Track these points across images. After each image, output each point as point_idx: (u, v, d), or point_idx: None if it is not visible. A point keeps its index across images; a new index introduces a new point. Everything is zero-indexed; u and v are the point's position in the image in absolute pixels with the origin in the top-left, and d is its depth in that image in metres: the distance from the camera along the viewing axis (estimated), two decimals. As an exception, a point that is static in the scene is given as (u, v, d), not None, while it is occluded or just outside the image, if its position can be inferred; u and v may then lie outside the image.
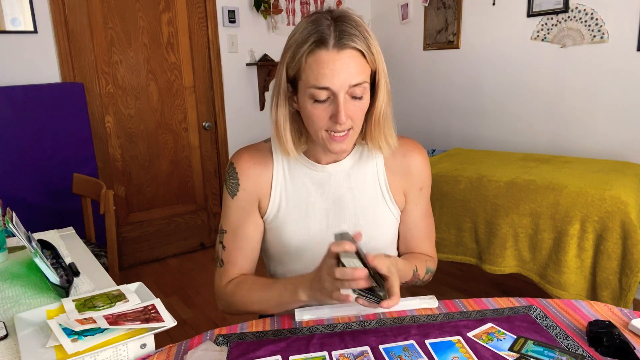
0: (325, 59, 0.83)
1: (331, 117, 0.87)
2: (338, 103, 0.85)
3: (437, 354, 0.79)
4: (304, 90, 0.87)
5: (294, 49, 0.86)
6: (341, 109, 0.85)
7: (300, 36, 0.86)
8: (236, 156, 1.02)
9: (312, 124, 0.90)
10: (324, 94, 0.85)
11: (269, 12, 3.30)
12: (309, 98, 0.87)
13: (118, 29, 2.82)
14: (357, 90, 0.86)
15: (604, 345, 0.78)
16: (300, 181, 1.01)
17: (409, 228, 1.07)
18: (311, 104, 0.87)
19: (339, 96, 0.85)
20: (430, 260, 1.08)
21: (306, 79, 0.86)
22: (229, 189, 1.01)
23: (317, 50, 0.84)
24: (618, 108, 2.62)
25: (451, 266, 2.90)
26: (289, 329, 0.88)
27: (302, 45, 0.85)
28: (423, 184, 1.05)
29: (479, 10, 3.16)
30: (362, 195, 1.01)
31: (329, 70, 0.83)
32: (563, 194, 1.99)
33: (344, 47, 0.83)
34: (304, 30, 0.85)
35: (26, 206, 2.35)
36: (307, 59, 0.85)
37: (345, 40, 0.83)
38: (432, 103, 3.59)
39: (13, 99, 2.32)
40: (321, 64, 0.83)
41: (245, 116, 3.41)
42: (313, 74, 0.84)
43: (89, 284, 1.15)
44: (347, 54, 0.84)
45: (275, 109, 0.92)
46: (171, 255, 3.28)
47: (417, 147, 1.06)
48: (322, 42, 0.83)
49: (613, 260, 1.86)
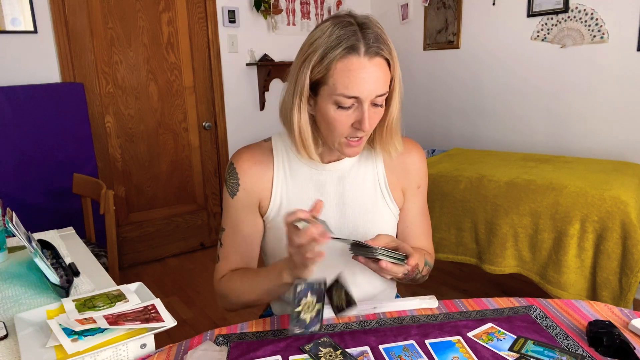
0: (357, 66, 0.82)
1: (353, 123, 0.87)
2: (363, 111, 0.85)
3: (437, 354, 0.79)
4: (329, 95, 0.85)
5: (321, 53, 0.83)
6: (366, 116, 0.85)
7: (329, 40, 0.83)
8: (236, 156, 1.02)
9: (333, 129, 0.89)
10: (350, 102, 0.85)
11: (269, 12, 3.30)
12: (332, 104, 0.86)
13: (118, 29, 2.82)
14: (379, 99, 0.86)
15: (604, 345, 0.78)
16: (300, 180, 1.01)
17: (407, 226, 1.09)
18: (334, 110, 0.86)
19: (365, 104, 0.85)
20: (428, 255, 1.10)
21: (333, 85, 0.84)
22: (229, 189, 1.02)
23: (348, 57, 0.82)
24: (618, 108, 2.62)
25: (451, 266, 2.90)
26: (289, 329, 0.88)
27: (333, 49, 0.82)
28: (421, 182, 1.07)
29: (479, 10, 3.16)
30: (362, 193, 1.02)
31: (360, 79, 0.82)
32: (563, 194, 1.99)
33: (374, 56, 0.83)
34: (332, 34, 0.83)
35: (26, 206, 2.36)
36: (337, 65, 0.83)
37: (374, 48, 0.82)
38: (432, 103, 3.59)
39: (13, 99, 2.32)
40: (353, 71, 0.82)
41: (245, 116, 3.41)
42: (342, 81, 0.83)
43: (89, 284, 1.15)
44: (377, 63, 0.83)
45: (297, 113, 0.89)
46: (171, 255, 3.28)
47: (415, 145, 1.07)
48: (354, 49, 0.82)
49: (613, 260, 1.86)
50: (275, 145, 1.02)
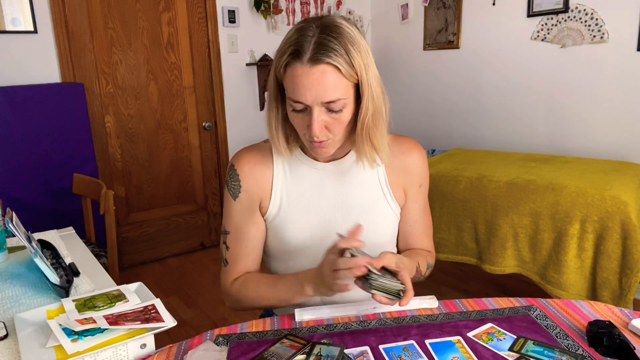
0: (299, 72, 0.83)
1: (307, 127, 0.88)
2: (312, 116, 0.85)
3: (437, 354, 0.79)
4: (287, 98, 0.88)
5: (277, 57, 0.87)
6: (314, 122, 0.85)
7: (284, 45, 0.85)
8: (236, 157, 1.03)
9: (296, 130, 0.92)
10: (300, 105, 0.86)
11: (269, 12, 3.30)
12: (289, 106, 0.89)
13: (118, 29, 2.82)
14: (332, 105, 0.85)
15: (604, 345, 0.78)
16: (300, 179, 1.01)
17: (409, 225, 1.09)
18: (291, 112, 0.89)
19: (313, 110, 0.85)
20: (429, 255, 1.11)
21: (285, 88, 0.87)
22: (231, 191, 1.02)
23: (292, 63, 0.83)
24: (618, 108, 2.62)
25: (451, 266, 2.90)
26: (289, 329, 0.88)
27: (282, 55, 0.85)
28: (422, 181, 1.07)
29: (479, 10, 3.16)
30: (363, 192, 1.02)
31: (302, 85, 0.83)
32: (563, 194, 1.99)
33: (317, 62, 0.81)
34: (289, 38, 0.85)
35: (26, 206, 2.36)
36: (285, 70, 0.85)
37: (319, 55, 0.81)
38: (432, 103, 3.59)
39: (13, 99, 2.32)
40: (295, 77, 0.83)
41: (245, 116, 3.41)
42: (289, 85, 0.85)
43: (89, 284, 1.15)
44: (320, 69, 0.82)
45: (267, 111, 0.94)
46: (171, 255, 3.28)
47: (416, 145, 1.07)
48: (298, 56, 0.82)
49: (613, 260, 1.86)
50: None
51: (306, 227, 1.01)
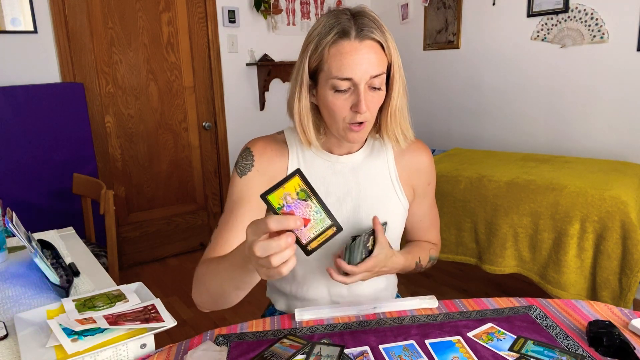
0: (348, 49, 0.86)
1: (352, 107, 0.89)
2: (359, 93, 0.87)
3: (437, 354, 0.79)
4: (326, 81, 0.89)
5: (316, 41, 0.89)
6: (362, 98, 0.87)
7: (323, 29, 0.88)
8: (253, 142, 1.02)
9: (333, 114, 0.91)
10: (345, 84, 0.87)
11: (269, 12, 3.29)
12: (330, 89, 0.89)
13: (118, 29, 2.82)
14: (375, 81, 0.88)
15: (604, 345, 0.78)
16: (315, 171, 1.02)
17: (419, 220, 1.13)
18: (332, 94, 0.89)
19: (360, 86, 0.87)
20: (434, 248, 1.15)
21: (328, 70, 0.88)
22: (239, 169, 0.99)
23: (340, 41, 0.86)
24: (618, 108, 2.62)
25: (451, 266, 2.90)
26: (289, 329, 0.88)
27: (325, 36, 0.87)
28: (430, 179, 1.11)
29: (479, 10, 3.16)
30: (374, 185, 1.04)
31: (352, 61, 0.86)
32: (563, 194, 1.99)
33: (365, 38, 0.86)
34: (326, 24, 0.88)
35: (26, 206, 2.36)
36: (330, 50, 0.87)
37: (365, 32, 0.86)
38: (432, 103, 3.59)
39: (13, 99, 2.32)
40: (344, 54, 0.86)
41: (245, 116, 3.41)
42: (336, 64, 0.86)
43: (89, 284, 1.15)
44: (368, 45, 0.86)
45: (297, 101, 0.93)
46: (171, 255, 3.28)
47: (424, 145, 1.11)
48: (345, 34, 0.86)
49: (613, 260, 1.86)
50: (288, 137, 1.03)
51: None
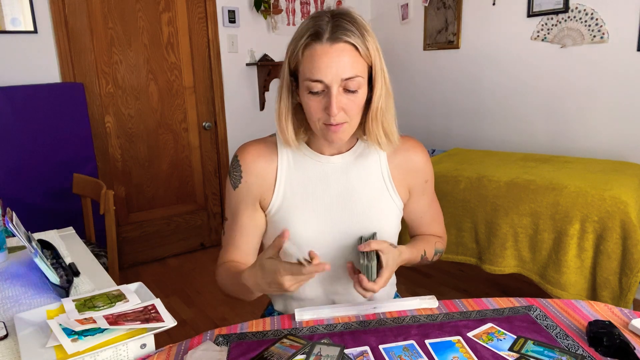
0: (319, 52, 0.86)
1: (325, 109, 0.90)
2: (330, 95, 0.88)
3: (437, 354, 0.79)
4: (302, 82, 0.90)
5: (294, 43, 0.91)
6: (332, 101, 0.87)
7: (301, 31, 0.90)
8: (241, 150, 1.04)
9: (310, 114, 0.93)
10: (318, 86, 0.88)
11: (269, 12, 3.29)
12: (305, 90, 0.90)
13: (118, 29, 2.82)
14: (350, 84, 0.88)
15: (604, 345, 0.78)
16: (305, 172, 1.02)
17: (420, 216, 1.14)
18: (307, 96, 0.90)
19: (332, 89, 0.87)
20: (439, 241, 1.15)
21: (303, 72, 0.89)
22: (232, 181, 1.04)
23: (312, 44, 0.87)
24: (618, 108, 2.62)
25: (451, 266, 2.90)
26: (289, 329, 0.88)
27: (300, 39, 0.89)
28: (427, 177, 1.11)
29: (479, 10, 3.16)
30: (366, 186, 1.03)
31: (322, 63, 0.86)
32: (563, 194, 1.99)
33: (336, 41, 0.86)
34: (305, 26, 0.90)
35: (26, 206, 2.35)
36: (303, 52, 0.88)
37: (338, 34, 0.86)
38: (432, 103, 3.59)
39: (13, 99, 2.32)
40: (315, 56, 0.87)
41: (245, 116, 3.41)
42: (308, 66, 0.88)
43: (89, 284, 1.15)
44: (340, 47, 0.86)
45: (278, 101, 0.95)
46: (171, 255, 3.28)
47: (418, 144, 1.10)
48: (317, 36, 0.87)
49: (613, 260, 1.86)
50: (279, 139, 1.04)
51: (309, 220, 1.01)
